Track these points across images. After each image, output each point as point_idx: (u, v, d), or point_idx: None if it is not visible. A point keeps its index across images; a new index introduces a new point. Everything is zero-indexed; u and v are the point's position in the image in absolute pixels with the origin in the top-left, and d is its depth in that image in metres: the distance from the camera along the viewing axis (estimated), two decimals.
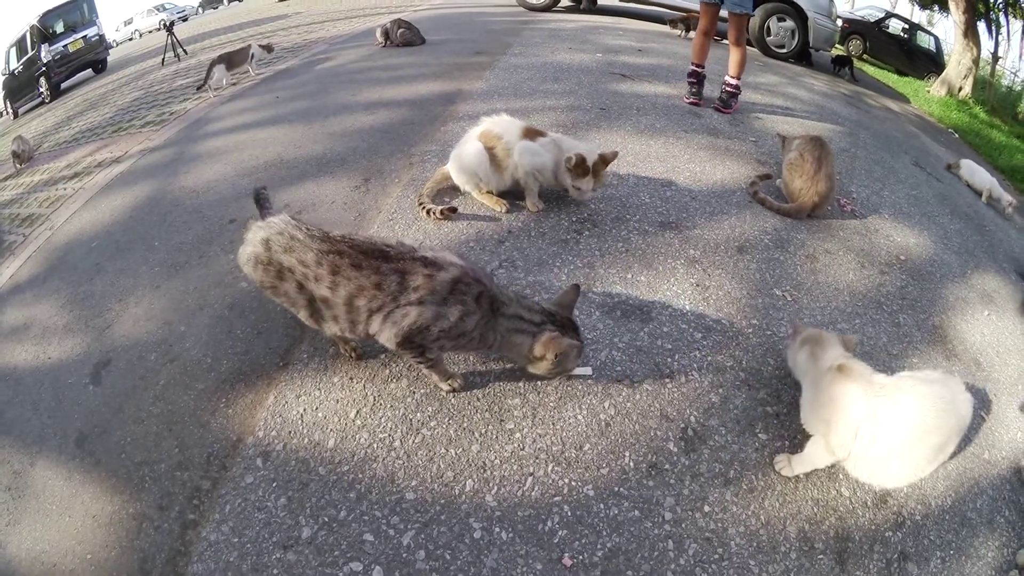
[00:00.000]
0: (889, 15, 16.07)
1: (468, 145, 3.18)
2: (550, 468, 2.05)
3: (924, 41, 15.65)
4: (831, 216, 3.73)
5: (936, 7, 17.00)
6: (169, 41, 11.13)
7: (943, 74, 12.57)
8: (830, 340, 2.17)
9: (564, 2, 9.63)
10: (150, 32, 25.16)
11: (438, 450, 2.09)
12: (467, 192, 3.36)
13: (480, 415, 2.20)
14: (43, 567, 2.03)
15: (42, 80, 14.40)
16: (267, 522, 1.92)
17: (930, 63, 14.59)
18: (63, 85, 14.70)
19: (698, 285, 2.90)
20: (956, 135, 8.48)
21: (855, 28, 15.31)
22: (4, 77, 16.31)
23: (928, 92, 11.95)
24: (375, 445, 2.11)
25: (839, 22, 10.29)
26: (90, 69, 15.68)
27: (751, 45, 8.66)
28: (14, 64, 15.83)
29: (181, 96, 7.11)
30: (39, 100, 14.46)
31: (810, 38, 8.35)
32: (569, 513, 1.94)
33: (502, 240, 3.07)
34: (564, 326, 2.09)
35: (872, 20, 15.78)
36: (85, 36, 15.37)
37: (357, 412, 2.22)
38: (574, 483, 2.02)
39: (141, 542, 1.98)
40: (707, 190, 3.74)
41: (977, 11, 12.77)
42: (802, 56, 8.85)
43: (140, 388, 2.51)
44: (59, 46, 14.73)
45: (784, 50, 8.53)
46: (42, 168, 6.51)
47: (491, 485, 2.00)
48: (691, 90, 5.27)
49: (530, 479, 2.02)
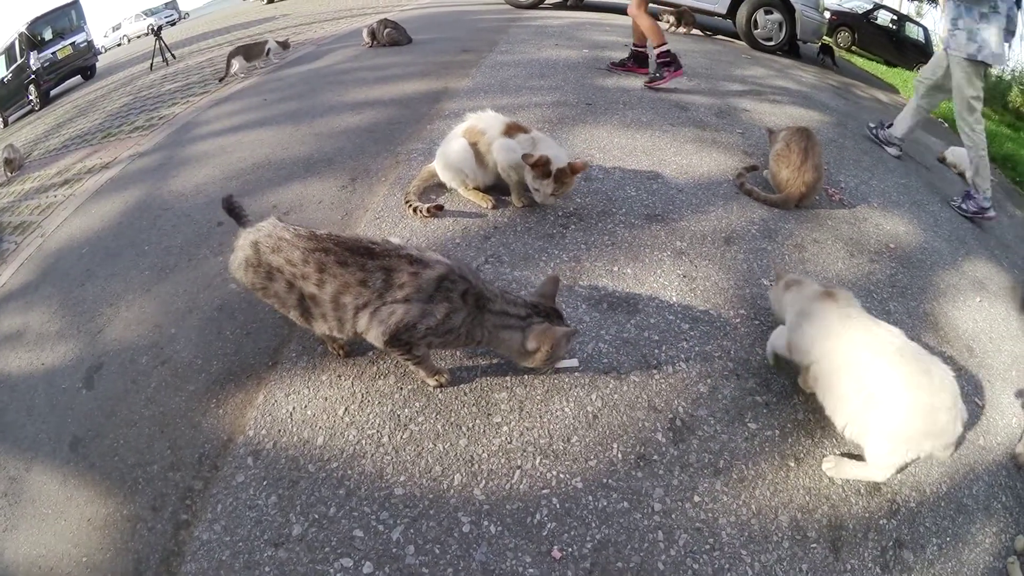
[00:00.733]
0: (877, 6, 16.04)
1: (453, 142, 3.20)
2: (538, 461, 2.06)
3: (913, 32, 15.64)
4: (819, 206, 3.75)
5: None
6: (157, 46, 11.12)
7: None
8: (809, 281, 2.40)
9: (549, 0, 9.63)
10: (138, 37, 25.09)
11: (426, 445, 2.10)
12: (453, 189, 3.37)
13: (467, 410, 2.21)
14: (40, 571, 2.03)
15: (31, 88, 14.38)
16: (258, 520, 1.93)
17: (919, 54, 14.53)
18: (52, 92, 14.68)
19: (685, 276, 2.91)
20: (946, 125, 8.50)
21: (843, 20, 15.32)
22: None
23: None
24: (364, 441, 2.12)
25: (827, 14, 10.30)
26: (79, 76, 15.70)
27: (738, 38, 8.68)
28: (3, 72, 15.77)
29: (170, 100, 7.11)
30: (29, 108, 14.44)
31: (798, 31, 8.35)
32: (558, 505, 1.95)
33: (488, 236, 3.08)
34: (549, 315, 2.10)
35: (860, 12, 15.78)
36: (74, 43, 15.39)
37: (345, 409, 2.23)
38: (562, 475, 2.02)
39: (135, 543, 1.99)
40: (694, 182, 3.75)
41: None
42: (790, 49, 8.85)
43: (132, 391, 2.52)
44: (48, 53, 14.74)
45: (772, 43, 8.53)
46: (33, 175, 6.51)
47: (479, 479, 2.01)
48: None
49: (518, 472, 2.03)
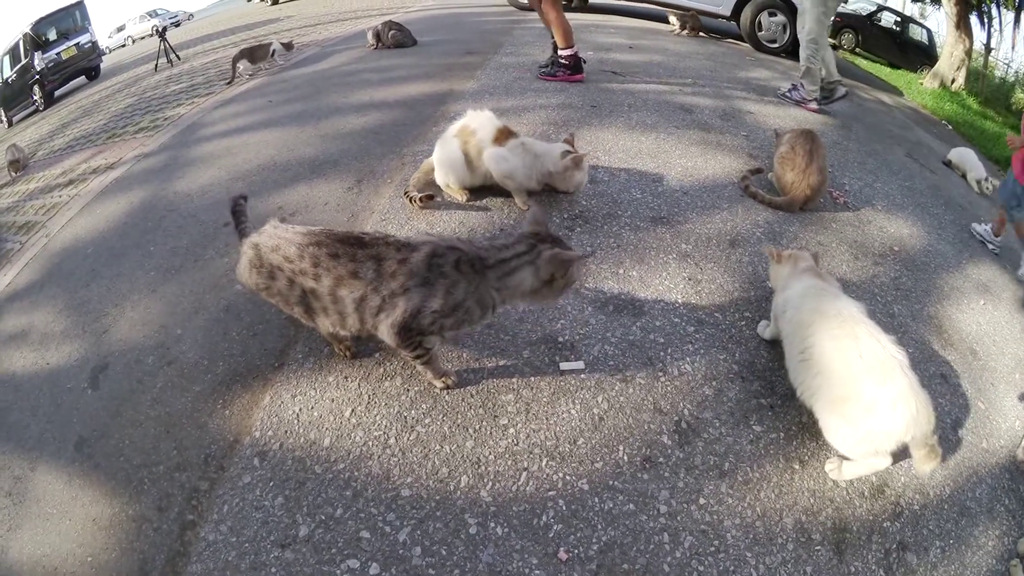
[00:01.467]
0: (881, 8, 16.00)
1: (448, 144, 3.21)
2: (544, 463, 2.06)
3: (916, 34, 15.62)
4: (824, 208, 3.74)
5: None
6: (162, 47, 11.15)
7: (936, 66, 12.58)
8: (804, 255, 2.54)
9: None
10: (143, 38, 25.10)
11: (433, 447, 2.10)
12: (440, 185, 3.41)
13: (474, 411, 2.22)
14: (44, 571, 2.04)
15: (36, 88, 14.40)
16: (265, 521, 1.93)
17: (923, 56, 14.56)
18: (57, 92, 14.70)
19: (690, 279, 2.91)
20: (950, 127, 8.50)
21: (847, 22, 15.27)
22: None
23: (921, 84, 11.97)
24: (370, 443, 2.12)
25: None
26: (83, 76, 15.71)
27: (742, 40, 8.67)
28: (7, 72, 15.80)
29: (175, 101, 7.12)
30: (33, 108, 14.45)
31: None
32: (564, 507, 1.95)
33: (494, 236, 3.05)
34: (553, 241, 2.06)
35: (864, 13, 15.74)
36: (78, 43, 15.38)
37: (352, 411, 2.23)
38: (568, 477, 2.03)
39: (141, 543, 1.99)
40: (699, 185, 3.75)
41: (969, 3, 12.79)
42: (794, 50, 8.83)
43: (138, 391, 2.53)
44: (52, 54, 14.74)
45: (775, 45, 8.52)
46: (38, 176, 6.52)
47: (486, 481, 2.01)
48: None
49: (525, 474, 2.03)
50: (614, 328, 2.59)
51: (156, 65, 10.99)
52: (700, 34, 8.87)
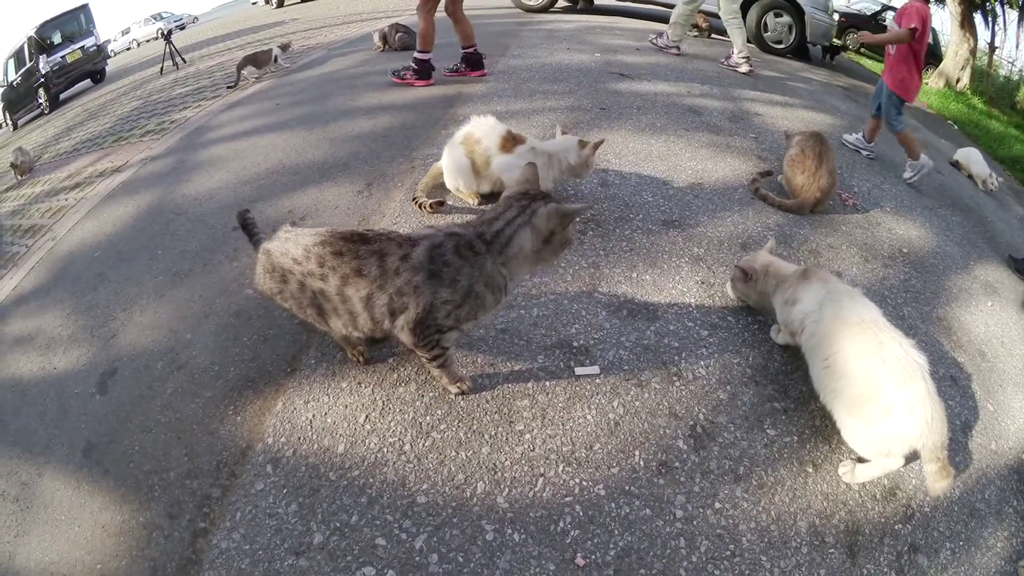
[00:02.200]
0: (885, 8, 15.93)
1: (455, 151, 3.21)
2: (561, 468, 2.05)
3: None
4: (833, 211, 3.74)
5: None
6: (167, 50, 11.16)
7: (940, 66, 12.59)
8: (780, 262, 2.60)
9: (561, 2, 9.62)
10: (148, 41, 25.17)
11: (448, 453, 2.09)
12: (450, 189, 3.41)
13: (490, 417, 2.20)
14: None
15: (41, 91, 14.45)
16: (278, 529, 1.92)
17: (927, 55, 14.52)
18: (62, 96, 14.75)
19: (703, 283, 2.90)
20: (955, 126, 8.49)
21: (852, 22, 15.17)
22: (3, 89, 16.35)
23: (926, 84, 11.95)
24: (385, 449, 2.11)
25: (835, 16, 10.26)
26: (89, 79, 15.73)
27: (749, 42, 8.66)
28: (12, 76, 15.86)
29: (181, 105, 7.11)
30: (38, 111, 14.51)
31: (807, 33, 8.34)
32: (581, 513, 1.94)
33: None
34: (544, 198, 2.02)
35: (868, 13, 15.71)
36: (83, 46, 15.43)
37: (366, 417, 2.22)
38: (585, 483, 2.02)
39: (151, 551, 1.98)
40: (709, 187, 3.74)
41: (973, 2, 12.77)
42: (800, 51, 8.84)
43: (147, 397, 2.51)
44: (57, 57, 14.79)
45: (781, 45, 8.52)
46: (43, 179, 6.52)
47: (502, 487, 2.00)
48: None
49: (541, 480, 2.02)
50: (628, 332, 2.58)
51: (161, 68, 11.00)
52: (711, 36, 8.87)
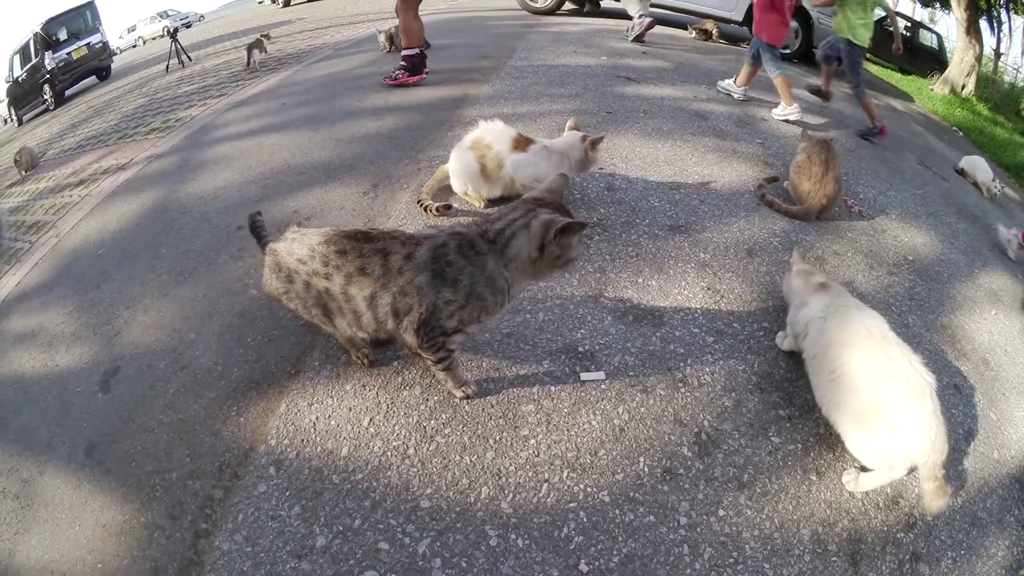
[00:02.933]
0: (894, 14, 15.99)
1: (464, 155, 3.22)
2: (565, 474, 2.04)
3: (926, 39, 15.52)
4: (839, 217, 3.74)
5: (938, 4, 16.82)
6: (173, 48, 11.18)
7: (946, 72, 12.56)
8: (816, 271, 2.60)
9: (568, 5, 9.60)
10: (153, 39, 25.24)
11: (453, 457, 2.08)
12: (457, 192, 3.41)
13: (494, 422, 2.20)
14: None
15: (46, 87, 14.47)
16: (281, 531, 1.91)
17: (933, 61, 14.48)
18: (67, 92, 14.76)
19: (709, 289, 2.89)
20: (960, 133, 8.47)
21: None
22: (8, 84, 16.39)
23: (932, 90, 11.95)
24: (389, 453, 2.10)
25: None
26: (94, 76, 15.76)
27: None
28: (18, 71, 15.89)
29: (186, 103, 7.11)
30: (43, 107, 14.52)
31: (814, 38, 8.32)
32: (585, 519, 1.93)
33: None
34: (556, 208, 1.96)
35: (874, 19, 15.70)
36: (89, 43, 15.45)
37: (370, 420, 2.21)
38: (589, 489, 2.01)
39: (153, 551, 1.97)
40: (716, 193, 3.74)
41: (979, 8, 12.76)
42: (806, 57, 8.82)
43: (150, 396, 2.50)
44: (63, 53, 14.80)
45: (788, 51, 8.51)
46: (48, 175, 6.51)
47: (506, 492, 1.99)
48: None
49: (545, 485, 2.01)
50: (634, 338, 2.57)
51: (167, 66, 11.02)
52: (720, 40, 8.87)
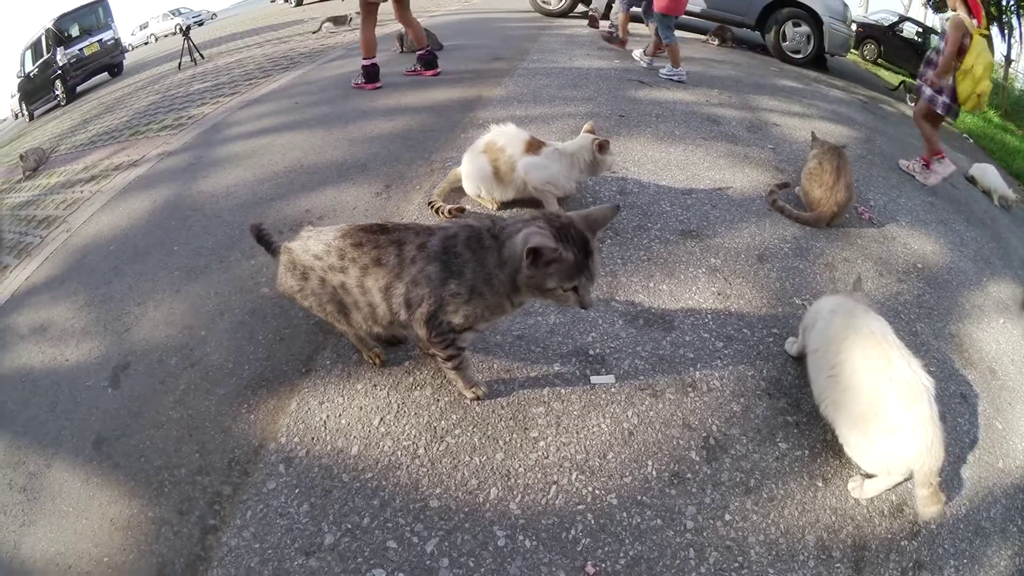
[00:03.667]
0: (903, 19, 15.89)
1: (477, 159, 3.24)
2: (574, 476, 2.05)
3: (938, 45, 15.47)
4: (849, 224, 3.72)
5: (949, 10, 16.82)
6: (186, 45, 11.23)
7: None
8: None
9: (581, 7, 9.60)
10: (166, 36, 25.33)
11: (462, 458, 2.09)
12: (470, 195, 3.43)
13: (504, 423, 2.20)
14: (58, 569, 2.04)
15: (57, 83, 14.53)
16: (289, 528, 1.92)
17: None
18: (79, 88, 14.81)
19: (719, 294, 2.89)
20: (970, 140, 8.44)
21: (869, 32, 15.16)
22: (20, 80, 16.46)
23: None
24: (399, 452, 2.11)
25: (854, 27, 10.22)
26: (106, 72, 15.81)
27: (767, 53, 8.64)
28: (29, 67, 15.96)
29: (199, 100, 7.13)
30: (55, 103, 14.58)
31: (825, 43, 8.30)
32: (592, 521, 1.93)
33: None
34: (565, 236, 1.70)
35: (886, 24, 15.63)
36: (101, 40, 15.50)
37: (381, 419, 2.22)
38: (598, 492, 2.01)
39: (160, 546, 1.98)
40: (727, 198, 3.73)
41: (990, 14, 12.69)
42: (818, 61, 8.80)
43: (160, 392, 2.52)
44: (75, 49, 14.86)
45: (800, 55, 8.49)
46: (59, 170, 6.54)
47: (515, 493, 2.00)
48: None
49: (554, 487, 2.01)
50: (644, 342, 2.57)
51: (180, 63, 11.07)
52: (733, 45, 8.86)
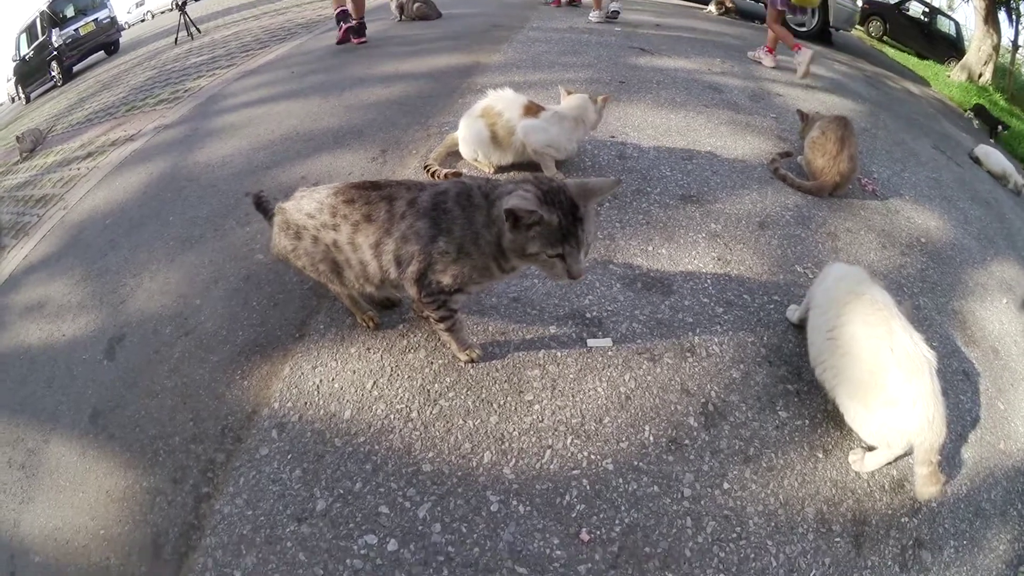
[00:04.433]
0: None
1: (473, 123, 3.22)
2: (569, 441, 2.02)
3: (944, 25, 15.35)
4: (852, 195, 3.68)
5: None
6: (182, 20, 11.18)
7: (963, 59, 12.43)
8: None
9: None
10: (162, 13, 25.11)
11: (456, 421, 2.06)
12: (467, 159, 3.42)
13: (499, 386, 2.17)
14: (56, 543, 2.03)
15: (54, 64, 14.42)
16: (281, 494, 1.90)
17: (950, 48, 14.35)
18: (75, 68, 14.71)
19: (720, 259, 2.85)
20: (976, 123, 8.38)
21: (875, 9, 15.04)
22: (15, 63, 16.35)
23: (948, 77, 11.82)
24: (392, 416, 2.08)
25: (859, 2, 10.14)
26: (102, 51, 15.69)
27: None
28: (24, 50, 15.83)
29: (195, 74, 7.10)
30: (51, 84, 14.49)
31: (830, 17, 8.23)
32: (588, 487, 1.91)
33: None
34: (552, 200, 1.65)
35: (892, 2, 15.51)
36: (96, 19, 15.35)
37: (374, 383, 2.19)
38: (593, 457, 1.98)
39: (155, 516, 1.97)
40: (728, 165, 3.69)
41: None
42: (822, 35, 8.72)
43: (155, 362, 2.50)
44: (70, 30, 14.71)
45: (804, 29, 8.42)
46: (56, 149, 6.51)
47: (509, 457, 1.97)
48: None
49: (549, 452, 1.99)
50: (643, 306, 2.53)
51: (176, 39, 11.04)
52: (736, 16, 8.80)
